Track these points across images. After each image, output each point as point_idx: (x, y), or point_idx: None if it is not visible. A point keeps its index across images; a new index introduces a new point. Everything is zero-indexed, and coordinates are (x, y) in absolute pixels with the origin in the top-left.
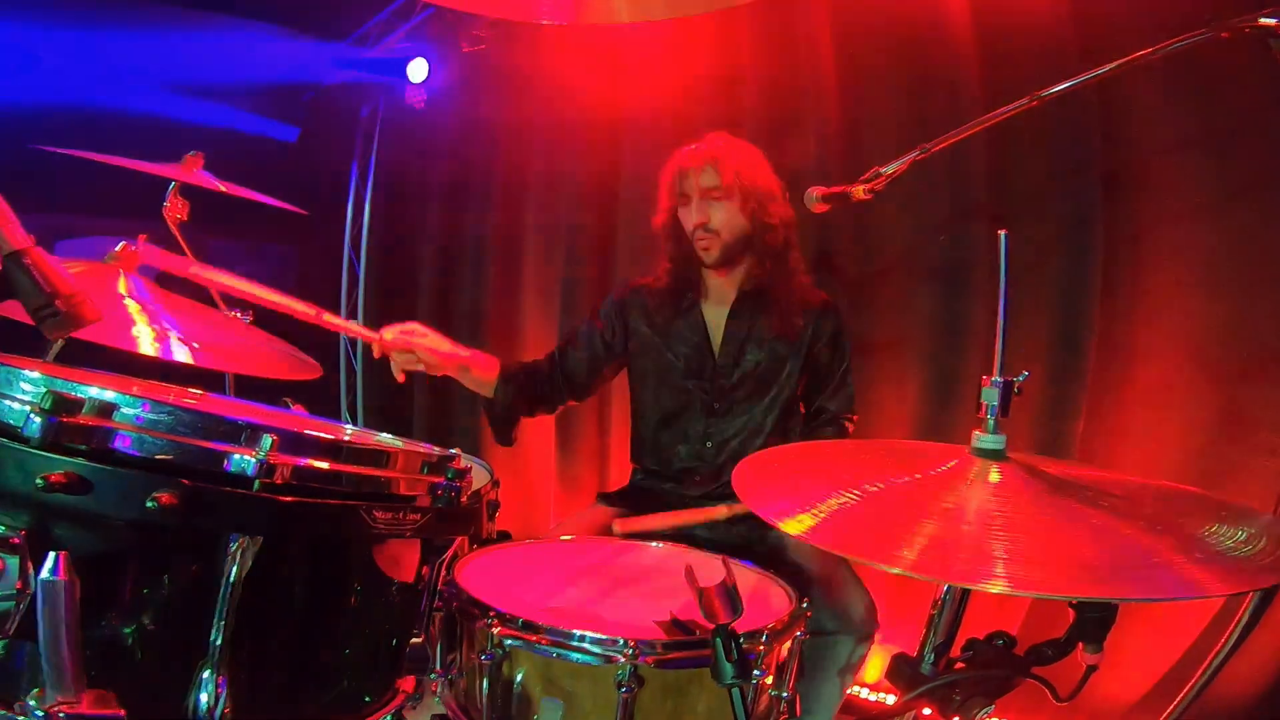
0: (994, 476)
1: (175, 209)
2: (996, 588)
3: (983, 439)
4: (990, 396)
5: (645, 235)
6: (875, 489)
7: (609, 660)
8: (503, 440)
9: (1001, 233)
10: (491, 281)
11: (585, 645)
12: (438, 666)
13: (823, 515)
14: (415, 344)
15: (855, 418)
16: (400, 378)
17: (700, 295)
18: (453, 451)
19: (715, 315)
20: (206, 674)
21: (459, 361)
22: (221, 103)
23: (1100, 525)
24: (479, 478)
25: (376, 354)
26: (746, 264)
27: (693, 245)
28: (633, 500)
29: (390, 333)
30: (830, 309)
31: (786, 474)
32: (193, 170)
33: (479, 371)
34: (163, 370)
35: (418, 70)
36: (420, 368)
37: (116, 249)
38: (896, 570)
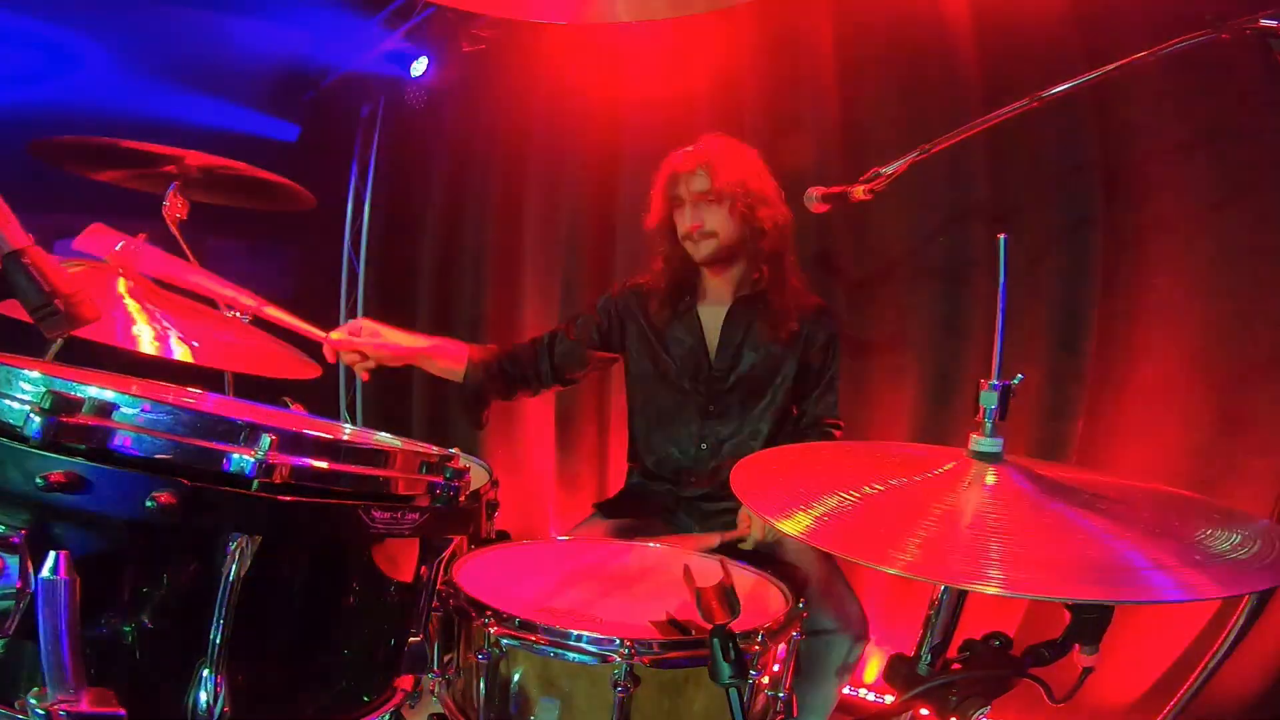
0: (990, 479)
1: (175, 208)
2: (992, 589)
3: (980, 442)
4: (988, 400)
5: (644, 235)
6: (873, 491)
7: (605, 660)
8: (473, 422)
9: (1000, 236)
10: (491, 281)
11: (582, 645)
12: (435, 666)
13: (820, 516)
14: (362, 345)
15: (841, 423)
16: (364, 377)
17: (697, 297)
18: (451, 451)
19: (712, 317)
20: (206, 673)
21: (418, 352)
22: (222, 101)
23: (1096, 528)
24: (478, 477)
25: (329, 358)
26: (742, 267)
27: (685, 247)
28: (630, 506)
29: (338, 333)
30: (826, 314)
31: (785, 475)
32: (194, 170)
33: (444, 360)
34: (162, 369)
35: (418, 66)
36: (373, 365)
37: (117, 248)
38: (893, 571)
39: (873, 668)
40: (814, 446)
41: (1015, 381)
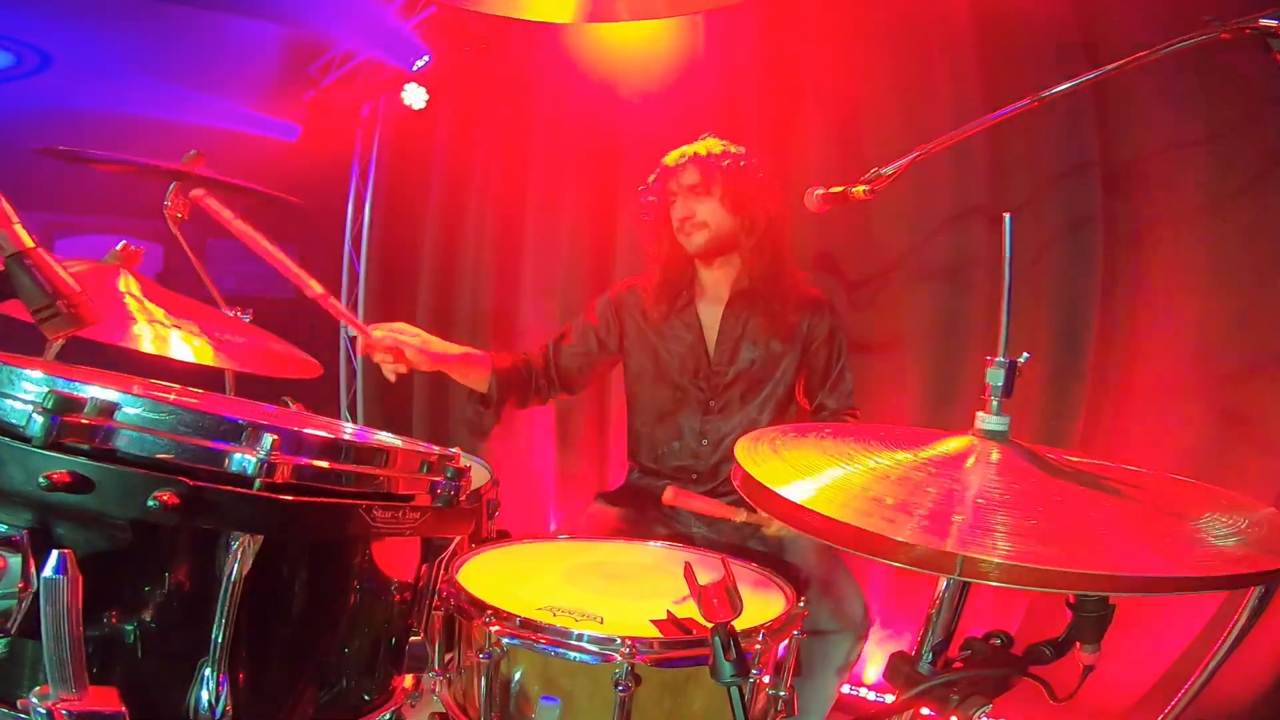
0: (996, 456)
1: (176, 208)
2: (997, 559)
3: (987, 419)
4: (995, 377)
5: (645, 235)
6: (877, 464)
7: (606, 659)
8: (481, 431)
9: (1006, 215)
10: (491, 281)
11: (583, 644)
12: (436, 665)
13: (823, 484)
14: (403, 343)
15: (857, 413)
16: (392, 378)
17: (695, 293)
18: (452, 450)
19: (710, 313)
20: (207, 672)
21: (452, 361)
22: (222, 100)
23: (1102, 506)
24: (478, 477)
25: (360, 351)
26: (739, 261)
27: (679, 240)
28: (631, 498)
29: (380, 330)
30: (825, 306)
31: (789, 446)
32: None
33: (472, 370)
34: (163, 369)
35: (419, 64)
36: (404, 370)
37: (117, 248)
38: (899, 538)
39: (875, 667)
40: (818, 424)
41: (1022, 360)
